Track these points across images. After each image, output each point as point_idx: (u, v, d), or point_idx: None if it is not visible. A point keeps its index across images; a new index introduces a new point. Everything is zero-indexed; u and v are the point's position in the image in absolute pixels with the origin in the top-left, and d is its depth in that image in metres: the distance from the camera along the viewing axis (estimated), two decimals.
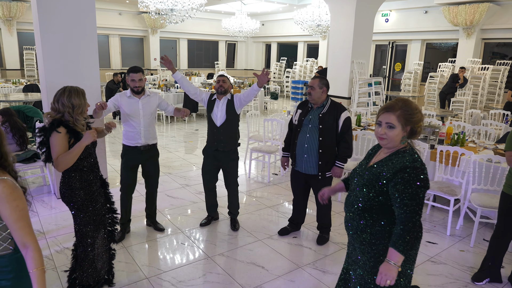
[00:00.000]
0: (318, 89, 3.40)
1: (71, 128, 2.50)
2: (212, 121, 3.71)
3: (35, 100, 8.31)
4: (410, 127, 1.85)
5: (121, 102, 3.44)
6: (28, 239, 1.53)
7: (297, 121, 3.57)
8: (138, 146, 3.51)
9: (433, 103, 11.53)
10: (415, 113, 1.85)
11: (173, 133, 8.91)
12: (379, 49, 14.88)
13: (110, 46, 16.25)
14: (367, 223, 1.90)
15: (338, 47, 7.82)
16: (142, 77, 3.41)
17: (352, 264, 2.05)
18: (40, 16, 4.16)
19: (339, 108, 3.46)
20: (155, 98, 3.58)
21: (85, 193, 2.59)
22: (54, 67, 4.35)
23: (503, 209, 3.04)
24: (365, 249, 1.92)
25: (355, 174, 2.04)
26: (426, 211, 4.58)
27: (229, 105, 3.67)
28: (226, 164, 3.82)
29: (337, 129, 3.44)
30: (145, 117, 3.48)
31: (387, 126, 1.85)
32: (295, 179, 3.74)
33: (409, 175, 1.76)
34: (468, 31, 11.08)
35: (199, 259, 3.41)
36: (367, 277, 1.93)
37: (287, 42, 18.42)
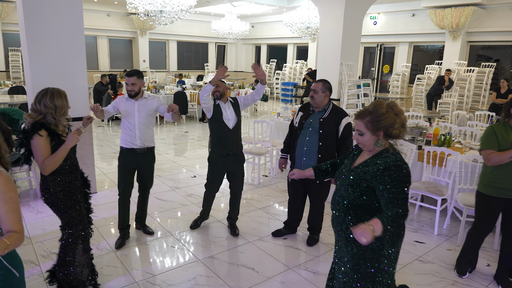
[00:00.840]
0: (321, 93, 3.39)
1: (53, 130, 2.50)
2: (224, 125, 3.60)
3: (21, 102, 8.17)
4: (382, 132, 1.90)
5: (119, 104, 3.48)
6: (16, 228, 1.60)
7: (297, 123, 3.57)
8: (135, 148, 3.48)
9: (421, 105, 11.69)
10: (383, 118, 1.89)
11: (163, 135, 8.86)
12: (368, 51, 15.04)
13: (98, 48, 16.08)
14: (352, 220, 1.97)
15: (327, 49, 7.88)
16: (135, 82, 3.38)
17: (338, 262, 2.11)
18: (26, 17, 4.11)
19: (340, 113, 3.44)
20: (153, 101, 3.53)
21: (65, 194, 2.60)
22: (40, 68, 4.29)
23: (479, 207, 3.14)
24: (349, 245, 1.99)
25: (340, 174, 2.09)
26: (414, 211, 4.63)
27: (235, 108, 3.69)
28: (235, 167, 3.77)
29: (337, 134, 3.43)
30: (140, 119, 3.45)
31: (358, 133, 1.97)
32: (293, 182, 3.70)
33: (394, 173, 1.83)
34: (454, 34, 11.28)
35: (189, 262, 3.39)
36: (350, 274, 1.99)
37: (277, 44, 18.48)
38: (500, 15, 10.66)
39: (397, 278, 3.16)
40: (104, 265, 3.27)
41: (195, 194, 5.04)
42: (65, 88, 2.88)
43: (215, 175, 3.80)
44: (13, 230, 1.59)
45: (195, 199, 4.87)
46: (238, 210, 3.99)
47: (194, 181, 5.55)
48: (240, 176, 3.84)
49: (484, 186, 3.04)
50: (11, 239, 1.55)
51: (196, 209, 4.53)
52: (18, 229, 1.61)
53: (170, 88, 11.50)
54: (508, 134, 2.90)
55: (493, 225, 3.12)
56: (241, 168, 3.84)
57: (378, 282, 1.95)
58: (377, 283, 1.95)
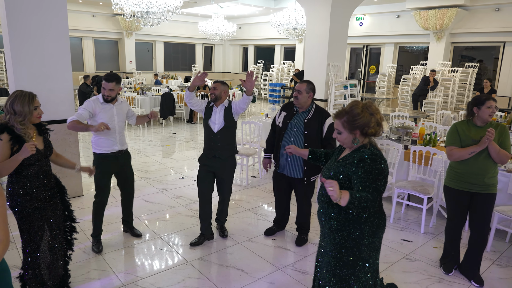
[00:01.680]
0: (305, 94, 3.42)
1: (16, 134, 2.38)
2: (209, 128, 3.54)
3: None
4: (358, 131, 2.02)
5: (96, 109, 3.31)
6: (1, 234, 1.59)
7: (281, 123, 3.58)
8: (114, 152, 3.43)
9: (406, 105, 11.86)
10: (358, 118, 2.01)
11: (150, 137, 8.78)
12: (354, 52, 15.19)
13: (83, 49, 15.85)
14: (334, 211, 2.08)
15: (314, 50, 7.93)
16: (113, 88, 3.29)
17: (322, 252, 2.23)
18: (9, 18, 4.03)
19: (324, 114, 3.48)
20: (125, 104, 3.57)
21: (28, 200, 2.48)
22: (24, 70, 4.21)
23: (448, 201, 3.29)
24: (331, 235, 2.11)
25: (325, 169, 2.22)
26: (401, 210, 4.69)
27: (226, 112, 3.52)
28: (222, 171, 3.63)
29: (322, 134, 3.47)
30: (120, 123, 3.44)
31: (336, 131, 2.10)
32: (277, 181, 3.74)
33: (367, 164, 1.96)
34: (438, 35, 11.48)
35: (178, 264, 3.37)
36: (333, 262, 2.12)
37: (264, 45, 18.52)
38: (482, 16, 10.91)
39: (384, 276, 3.21)
40: (91, 269, 3.22)
41: (184, 196, 5.01)
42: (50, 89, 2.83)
43: (201, 176, 3.67)
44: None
45: (183, 201, 4.84)
46: (226, 213, 3.93)
47: (182, 183, 5.52)
48: (227, 181, 3.70)
49: (450, 180, 3.22)
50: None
51: (185, 211, 4.50)
52: (4, 235, 1.59)
53: (157, 89, 11.41)
54: (470, 131, 3.10)
55: (463, 218, 3.25)
56: (228, 173, 3.68)
57: (358, 270, 2.08)
58: (358, 271, 2.08)
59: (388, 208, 4.67)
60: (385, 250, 3.70)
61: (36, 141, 2.51)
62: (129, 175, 3.68)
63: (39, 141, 2.55)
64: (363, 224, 2.05)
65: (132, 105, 9.66)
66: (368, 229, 2.05)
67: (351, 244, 2.06)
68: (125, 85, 12.74)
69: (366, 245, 2.06)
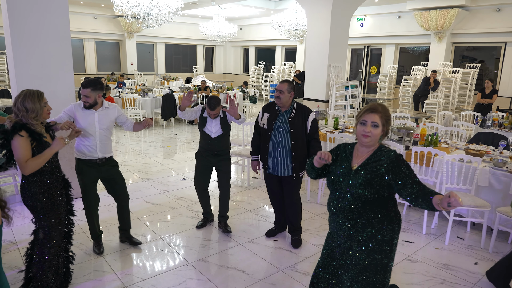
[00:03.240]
0: (287, 93, 3.47)
1: (33, 130, 2.48)
2: (206, 134, 3.82)
3: (6, 106, 8.02)
4: (386, 128, 2.10)
5: (76, 114, 3.23)
6: None
7: (266, 125, 3.61)
8: (94, 159, 3.30)
9: (408, 106, 11.85)
10: (390, 116, 2.13)
11: (151, 138, 8.79)
12: (355, 53, 15.19)
13: (85, 51, 15.89)
14: (368, 217, 2.04)
15: (315, 51, 7.94)
16: (88, 94, 3.16)
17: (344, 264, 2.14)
18: (11, 20, 4.04)
19: (305, 111, 3.56)
20: (113, 110, 3.39)
21: (45, 197, 2.57)
22: (26, 72, 4.23)
23: None
24: (363, 244, 2.05)
25: (343, 177, 2.10)
26: (403, 211, 4.69)
27: (223, 122, 3.80)
28: (219, 164, 3.90)
29: (306, 130, 3.54)
30: (101, 130, 3.28)
31: (372, 124, 2.05)
32: (269, 182, 3.78)
33: (404, 160, 2.03)
34: (439, 35, 11.47)
35: (179, 265, 3.37)
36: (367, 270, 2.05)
37: (265, 46, 18.53)
38: (483, 17, 10.89)
39: None
40: (92, 270, 3.22)
41: (185, 197, 5.01)
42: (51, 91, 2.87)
43: (199, 169, 3.95)
44: None
45: (184, 202, 4.84)
46: (227, 207, 4.06)
47: (184, 184, 5.52)
48: (225, 171, 3.94)
49: None
50: None
51: (186, 212, 4.51)
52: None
53: (158, 90, 11.43)
54: None
55: None
56: (226, 165, 3.92)
57: (389, 270, 2.10)
58: (389, 271, 2.10)
59: None
60: None
61: (47, 137, 2.60)
62: (117, 182, 3.50)
63: (48, 138, 2.63)
64: (395, 223, 2.09)
65: (133, 107, 9.68)
66: (397, 229, 2.10)
67: (387, 247, 2.06)
68: (127, 87, 12.74)
69: (395, 244, 2.11)
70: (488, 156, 4.44)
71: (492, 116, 6.77)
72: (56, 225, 2.65)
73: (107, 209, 4.44)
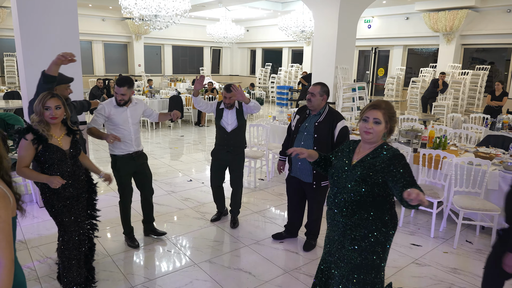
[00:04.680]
0: (319, 96, 3.37)
1: (40, 134, 2.46)
2: (223, 128, 3.91)
3: (16, 107, 8.12)
4: (389, 125, 2.08)
5: (110, 112, 3.37)
6: (2, 254, 1.39)
7: (294, 126, 3.58)
8: (130, 153, 3.48)
9: (416, 108, 11.76)
10: (395, 113, 2.11)
11: (158, 139, 8.84)
12: (363, 55, 15.13)
13: (93, 53, 16.04)
14: (361, 216, 2.04)
15: (322, 52, 7.92)
16: (125, 92, 3.33)
17: (338, 262, 2.15)
18: (21, 22, 4.09)
19: (335, 117, 3.41)
20: (140, 105, 3.57)
21: (55, 198, 2.58)
22: (35, 74, 4.25)
23: None
24: (355, 243, 2.06)
25: (341, 172, 2.13)
26: (411, 214, 4.64)
27: (238, 114, 3.89)
28: (234, 163, 4.01)
29: (333, 138, 3.40)
30: (134, 125, 3.47)
31: (374, 121, 2.05)
32: (290, 185, 3.72)
33: (402, 159, 1.99)
34: (448, 37, 11.38)
35: (186, 266, 3.38)
36: (358, 269, 2.06)
37: (272, 48, 18.54)
38: (493, 18, 10.78)
39: (393, 281, 3.18)
40: (100, 270, 3.24)
41: (192, 198, 5.03)
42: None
43: (215, 167, 4.08)
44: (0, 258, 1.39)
45: (191, 203, 4.85)
46: (239, 204, 4.19)
47: (190, 185, 5.53)
48: (239, 171, 4.04)
49: None
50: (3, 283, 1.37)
51: (193, 213, 4.52)
52: (3, 257, 1.38)
53: (166, 92, 11.49)
54: None
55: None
56: (240, 164, 4.03)
57: (381, 269, 2.09)
58: (381, 271, 2.09)
59: (397, 212, 4.61)
60: (394, 254, 3.66)
61: (62, 141, 2.58)
62: (147, 175, 3.69)
63: (66, 141, 2.60)
64: (389, 227, 2.07)
65: None
66: (392, 232, 2.08)
67: (379, 249, 2.05)
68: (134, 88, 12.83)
69: (390, 242, 2.09)
70: (498, 159, 4.38)
71: (502, 119, 6.69)
72: (70, 230, 2.66)
73: (115, 209, 4.47)
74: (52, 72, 2.78)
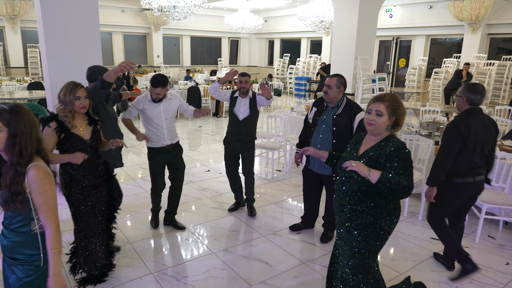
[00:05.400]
0: (335, 89, 3.33)
1: (61, 122, 2.54)
2: (235, 115, 4.00)
3: (40, 97, 8.34)
4: (395, 118, 2.11)
5: (143, 106, 3.50)
6: (48, 222, 1.69)
7: (311, 119, 3.54)
8: (164, 146, 3.58)
9: (438, 99, 11.47)
10: (400, 106, 2.13)
11: (177, 130, 8.90)
12: (383, 45, 14.80)
13: (113, 44, 16.26)
14: (367, 205, 2.12)
15: (341, 43, 7.78)
16: (160, 92, 3.42)
17: (343, 245, 2.27)
18: (44, 14, 4.17)
19: (354, 109, 3.37)
20: (175, 100, 3.64)
21: (73, 186, 2.67)
22: (58, 64, 4.37)
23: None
24: (363, 230, 2.14)
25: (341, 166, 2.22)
26: None
27: (252, 103, 3.95)
28: (244, 152, 4.09)
29: (352, 130, 3.36)
30: (167, 120, 3.56)
31: (376, 113, 2.11)
32: (307, 177, 3.71)
33: (402, 154, 2.04)
34: (474, 26, 10.98)
35: (203, 255, 3.43)
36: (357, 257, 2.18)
37: (290, 38, 18.35)
38: None
39: (412, 274, 3.14)
40: (120, 256, 3.33)
41: (209, 188, 5.08)
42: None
43: (228, 155, 4.18)
44: (47, 225, 1.70)
45: (209, 193, 4.90)
46: (253, 191, 4.26)
47: (208, 175, 5.58)
48: (249, 159, 4.12)
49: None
50: (52, 244, 1.69)
51: (210, 203, 4.57)
52: (50, 224, 1.69)
53: (184, 83, 11.56)
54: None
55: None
56: (250, 153, 4.11)
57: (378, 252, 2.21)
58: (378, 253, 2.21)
59: (417, 205, 4.55)
60: (413, 247, 3.62)
61: (84, 131, 2.65)
62: (179, 167, 3.78)
63: (87, 131, 2.67)
64: (394, 215, 2.14)
65: None
66: (395, 220, 2.16)
67: (382, 233, 2.14)
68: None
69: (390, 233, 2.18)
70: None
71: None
72: (84, 216, 2.75)
73: (134, 198, 4.56)
74: (110, 79, 2.87)
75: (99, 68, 3.23)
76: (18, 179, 1.62)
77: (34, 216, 1.72)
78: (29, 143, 1.64)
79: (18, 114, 1.63)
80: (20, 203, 1.64)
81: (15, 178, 1.62)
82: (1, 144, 1.62)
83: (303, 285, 3.03)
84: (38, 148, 1.71)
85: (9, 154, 1.63)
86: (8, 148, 1.62)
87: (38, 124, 1.72)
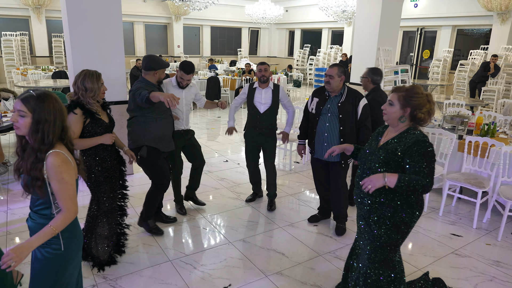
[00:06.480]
0: (337, 78, 3.37)
1: (87, 109, 2.64)
2: (255, 108, 3.94)
3: (64, 86, 8.55)
4: (410, 109, 2.05)
5: (168, 91, 3.61)
6: (65, 208, 1.73)
7: (314, 109, 3.54)
8: (180, 130, 3.72)
9: (462, 92, 11.12)
10: (416, 96, 2.04)
11: (196, 120, 9.00)
12: (407, 36, 14.41)
13: (134, 33, 16.45)
14: (386, 197, 2.10)
15: (363, 33, 7.62)
16: (190, 78, 3.59)
17: (362, 238, 2.26)
18: (68, 4, 4.25)
19: (357, 96, 3.44)
20: (194, 88, 3.81)
21: (100, 170, 2.76)
22: (81, 54, 4.45)
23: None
24: (383, 222, 2.12)
25: (367, 155, 2.21)
26: (452, 203, 4.46)
27: (274, 94, 3.92)
28: (266, 145, 4.06)
29: (356, 116, 3.43)
30: (187, 105, 3.73)
31: (388, 103, 2.12)
32: (316, 167, 3.73)
33: (421, 148, 1.98)
34: (503, 16, 10.53)
35: (220, 244, 3.47)
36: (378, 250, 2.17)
37: (311, 28, 18.10)
38: None
39: (430, 270, 3.10)
40: (140, 243, 3.41)
41: (227, 178, 5.11)
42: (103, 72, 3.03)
43: (249, 148, 4.14)
44: (63, 209, 1.74)
45: (227, 183, 4.94)
46: (274, 187, 4.19)
47: (226, 166, 5.62)
48: (270, 153, 4.07)
49: None
50: (56, 222, 1.71)
51: (228, 193, 4.60)
52: (66, 209, 1.73)
53: (204, 73, 11.60)
54: None
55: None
56: (272, 146, 4.06)
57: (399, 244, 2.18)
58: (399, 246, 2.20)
59: (438, 200, 4.46)
60: (432, 243, 3.56)
61: (102, 115, 2.76)
62: (196, 146, 3.93)
63: (104, 115, 2.79)
64: (415, 208, 2.11)
65: None
66: (417, 214, 2.12)
67: (403, 226, 2.12)
68: (173, 69, 13.07)
69: (412, 226, 2.15)
70: None
71: None
72: (108, 198, 2.85)
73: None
74: (154, 100, 2.91)
75: (157, 58, 3.31)
76: (37, 165, 1.67)
77: (53, 201, 1.76)
78: (51, 130, 1.68)
79: (44, 101, 1.67)
80: (38, 188, 1.69)
81: (34, 164, 1.67)
82: (25, 129, 1.67)
83: (319, 276, 3.03)
84: (62, 136, 1.74)
85: (31, 139, 1.68)
86: (31, 134, 1.67)
87: (65, 112, 1.76)
